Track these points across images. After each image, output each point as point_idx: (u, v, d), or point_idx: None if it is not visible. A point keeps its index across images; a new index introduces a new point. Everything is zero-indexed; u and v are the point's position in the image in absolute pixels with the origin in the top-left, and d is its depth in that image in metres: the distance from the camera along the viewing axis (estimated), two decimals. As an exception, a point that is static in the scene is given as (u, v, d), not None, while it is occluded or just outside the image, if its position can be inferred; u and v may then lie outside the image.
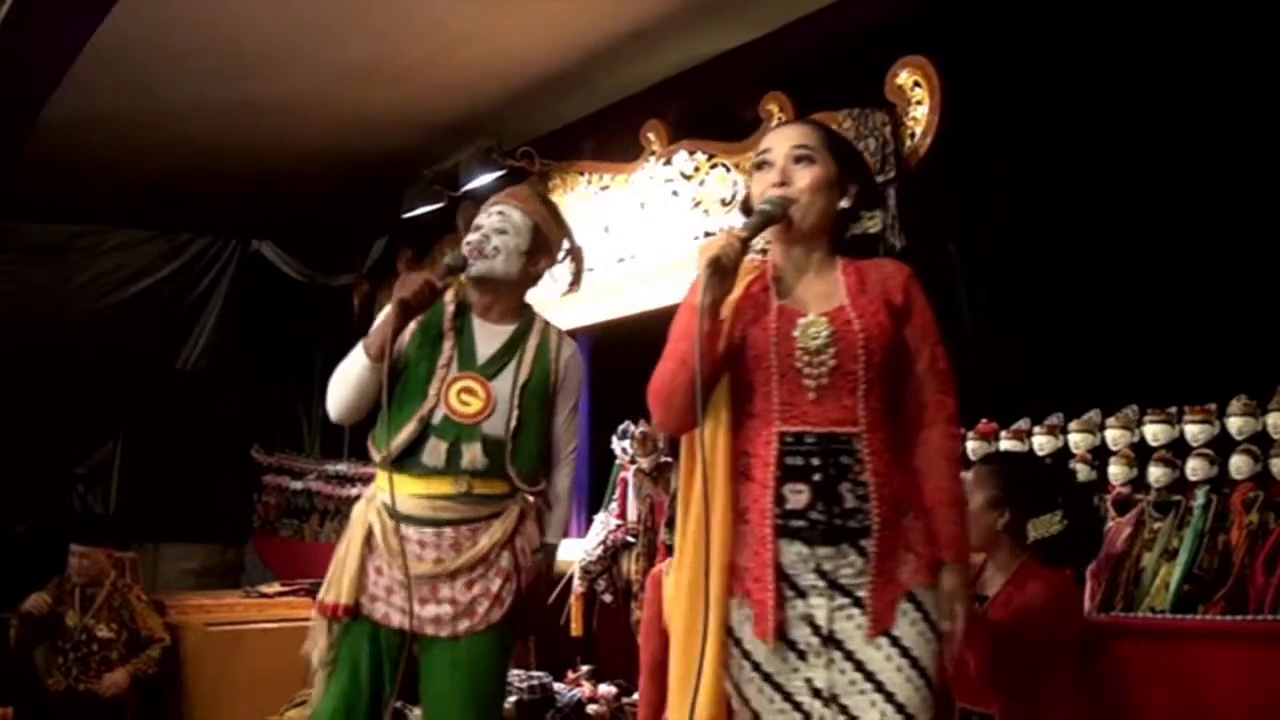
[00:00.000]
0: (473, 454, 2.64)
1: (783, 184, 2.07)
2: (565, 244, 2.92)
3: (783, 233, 2.10)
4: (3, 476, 6.18)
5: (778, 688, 1.99)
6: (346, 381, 2.69)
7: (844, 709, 1.94)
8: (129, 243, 7.02)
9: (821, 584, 1.97)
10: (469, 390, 2.68)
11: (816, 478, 1.98)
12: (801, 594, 1.98)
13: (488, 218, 2.79)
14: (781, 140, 2.12)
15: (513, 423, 2.68)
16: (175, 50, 4.36)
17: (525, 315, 2.82)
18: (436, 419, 2.66)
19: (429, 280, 2.65)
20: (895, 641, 1.95)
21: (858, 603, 1.96)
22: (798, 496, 1.98)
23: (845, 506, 1.97)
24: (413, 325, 2.74)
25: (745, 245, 2.00)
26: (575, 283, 3.01)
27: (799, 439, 2.00)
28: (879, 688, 1.93)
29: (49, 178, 5.68)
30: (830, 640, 1.96)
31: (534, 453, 2.73)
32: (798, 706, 1.97)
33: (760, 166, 2.12)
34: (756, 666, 2.00)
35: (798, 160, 2.08)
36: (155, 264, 7.11)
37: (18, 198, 5.83)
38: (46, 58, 4.25)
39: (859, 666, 1.94)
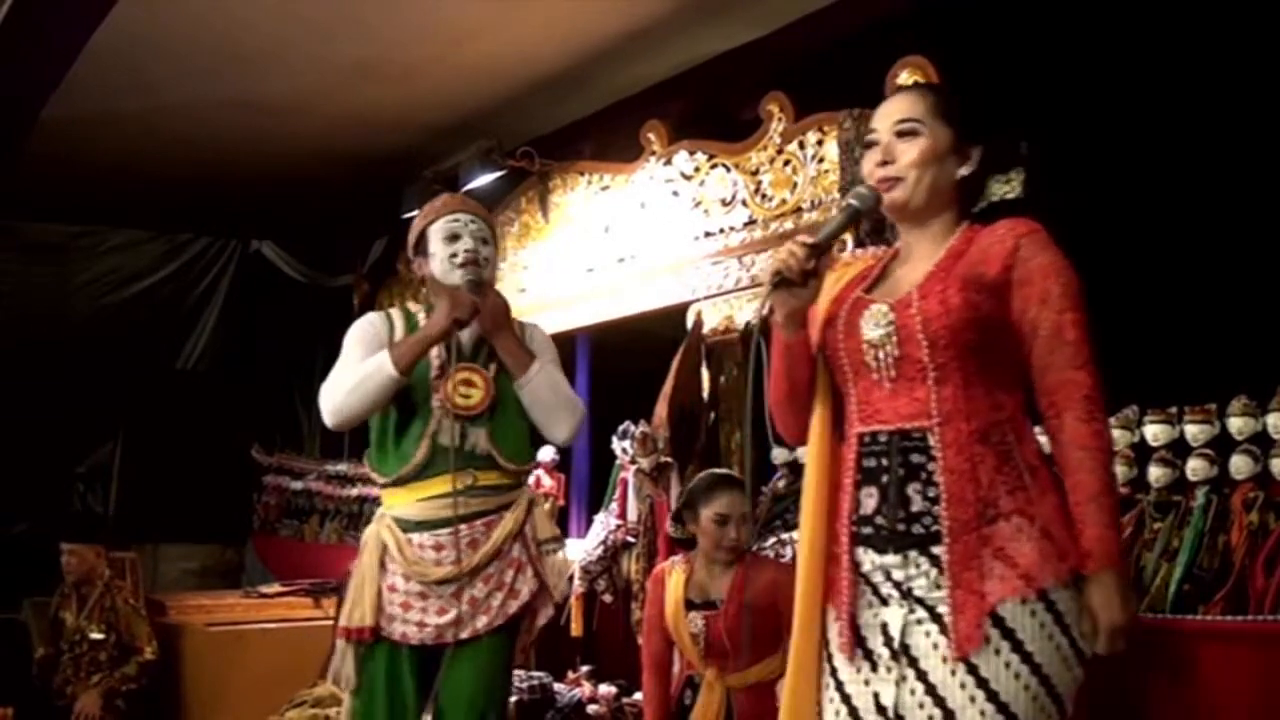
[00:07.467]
0: (477, 438, 2.68)
1: (885, 163, 1.89)
2: None
3: (895, 215, 1.93)
4: (3, 476, 6.17)
5: (846, 699, 1.82)
6: (363, 392, 2.64)
7: None
8: (129, 243, 7.04)
9: (897, 594, 1.79)
10: (468, 382, 2.71)
11: (885, 479, 1.81)
12: (883, 601, 1.81)
13: (464, 226, 2.77)
14: (884, 115, 1.93)
15: (492, 403, 2.71)
16: (175, 50, 4.36)
17: None
18: (442, 430, 2.68)
19: (476, 302, 2.68)
20: (975, 673, 1.70)
21: (936, 619, 1.75)
22: (869, 500, 1.83)
23: (911, 510, 1.78)
24: (397, 338, 2.76)
25: (817, 249, 1.82)
26: None
27: (874, 438, 1.84)
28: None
29: (49, 178, 5.67)
30: (903, 653, 1.76)
31: (517, 431, 2.75)
32: None
33: (869, 146, 1.94)
34: (839, 685, 1.84)
35: (901, 135, 1.89)
36: (155, 264, 7.13)
37: (18, 198, 5.82)
38: (46, 58, 4.25)
39: (931, 691, 1.73)
